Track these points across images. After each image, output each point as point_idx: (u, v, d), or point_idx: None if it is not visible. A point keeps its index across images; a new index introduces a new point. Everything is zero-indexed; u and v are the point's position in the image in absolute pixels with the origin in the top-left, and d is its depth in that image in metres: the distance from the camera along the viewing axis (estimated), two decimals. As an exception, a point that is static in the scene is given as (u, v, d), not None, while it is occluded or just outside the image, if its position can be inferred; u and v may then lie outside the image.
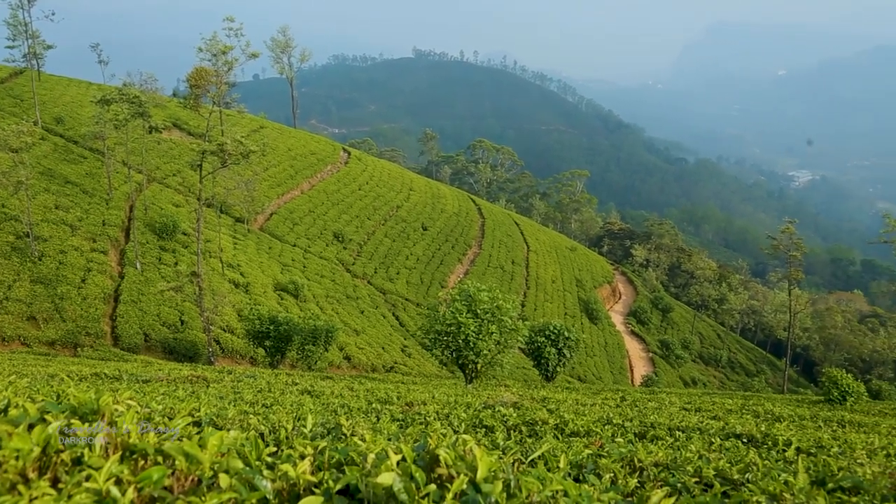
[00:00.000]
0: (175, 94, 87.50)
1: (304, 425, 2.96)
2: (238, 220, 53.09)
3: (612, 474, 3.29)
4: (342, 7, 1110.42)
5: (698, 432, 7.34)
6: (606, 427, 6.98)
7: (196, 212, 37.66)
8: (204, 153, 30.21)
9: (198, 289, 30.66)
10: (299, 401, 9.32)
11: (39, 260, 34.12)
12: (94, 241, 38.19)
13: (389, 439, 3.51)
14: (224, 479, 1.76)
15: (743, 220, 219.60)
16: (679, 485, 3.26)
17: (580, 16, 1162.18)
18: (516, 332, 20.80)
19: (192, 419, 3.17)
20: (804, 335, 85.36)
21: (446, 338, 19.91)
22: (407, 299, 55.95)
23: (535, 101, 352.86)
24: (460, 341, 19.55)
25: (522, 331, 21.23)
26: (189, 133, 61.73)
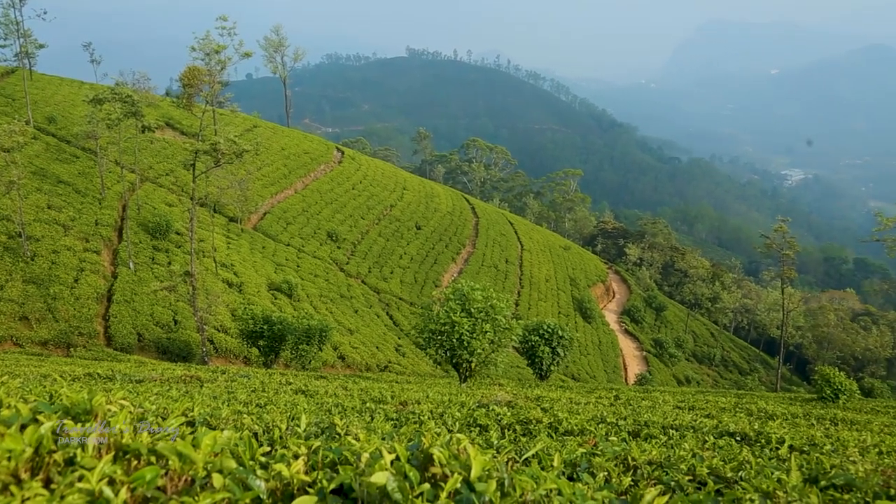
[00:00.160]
0: (168, 94, 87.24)
1: (298, 425, 2.96)
2: (231, 219, 52.98)
3: (606, 473, 3.30)
4: (340, 6, 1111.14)
5: (692, 431, 7.36)
6: (600, 426, 6.99)
7: (189, 211, 37.57)
8: (197, 152, 30.12)
9: (191, 288, 30.59)
10: (293, 400, 9.30)
11: (32, 260, 33.99)
12: (87, 241, 38.06)
13: (383, 438, 3.51)
14: (217, 479, 1.76)
15: (736, 219, 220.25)
16: (673, 483, 3.27)
17: (573, 15, 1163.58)
18: (510, 331, 20.81)
19: (186, 419, 3.17)
20: (797, 333, 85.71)
21: (440, 337, 19.90)
22: (401, 298, 55.93)
23: (528, 101, 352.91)
24: (454, 340, 19.55)
25: (516, 330, 21.25)
26: (182, 132, 61.56)
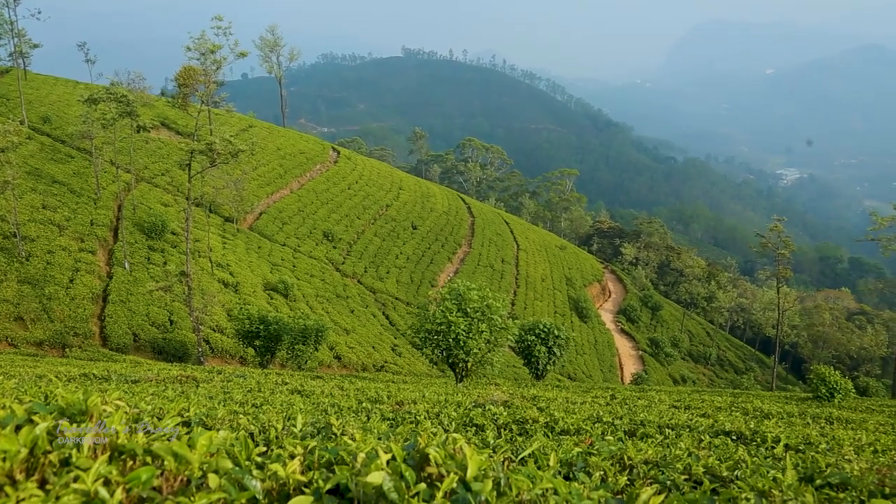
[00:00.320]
0: (163, 94, 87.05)
1: (294, 425, 2.96)
2: (227, 219, 52.89)
3: (602, 472, 3.30)
4: (340, 6, 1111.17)
5: (688, 430, 7.37)
6: (596, 425, 7.00)
7: (185, 211, 37.48)
8: (193, 152, 30.07)
9: (187, 288, 30.53)
10: (289, 400, 9.29)
11: (27, 260, 33.88)
12: (82, 241, 37.96)
13: (380, 438, 3.51)
14: (213, 479, 1.75)
15: (732, 219, 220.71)
16: (669, 482, 3.27)
17: (569, 15, 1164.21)
18: (506, 330, 20.82)
19: (182, 419, 3.16)
20: (792, 333, 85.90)
21: (436, 337, 19.90)
22: (397, 298, 55.90)
23: (524, 100, 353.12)
24: (450, 340, 19.55)
25: (512, 329, 21.26)
26: (177, 132, 61.42)
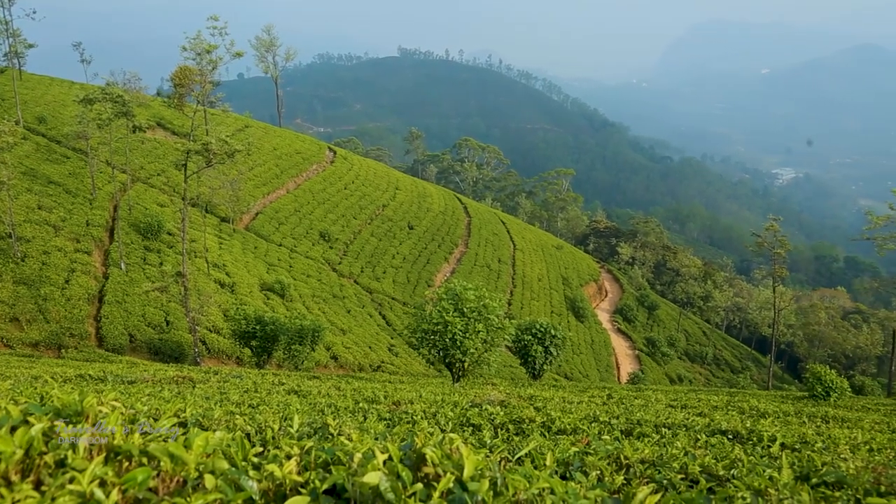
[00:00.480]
0: (159, 94, 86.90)
1: (291, 425, 2.95)
2: (223, 219, 52.82)
3: (599, 471, 3.30)
4: (340, 6, 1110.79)
5: (684, 429, 7.38)
6: (593, 425, 7.00)
7: (181, 211, 37.40)
8: (189, 153, 30.01)
9: (183, 289, 30.48)
10: (286, 401, 9.28)
11: (22, 261, 33.79)
12: (78, 242, 37.87)
13: (376, 438, 3.50)
14: (209, 480, 1.75)
15: (728, 218, 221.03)
16: (665, 481, 3.27)
17: (565, 15, 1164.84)
18: (503, 330, 20.83)
19: (178, 420, 3.15)
20: (788, 332, 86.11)
21: (433, 337, 19.89)
22: (393, 298, 55.89)
23: (520, 100, 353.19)
24: (447, 340, 19.54)
25: (509, 329, 21.27)
26: (173, 132, 61.33)
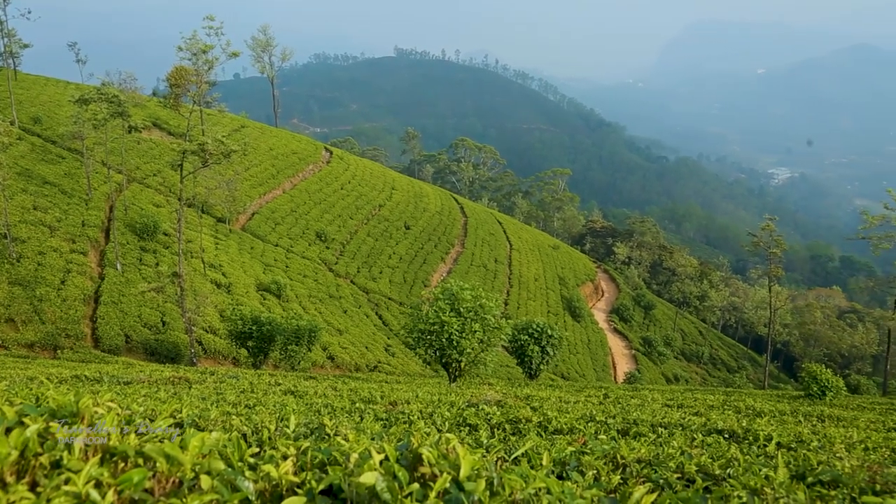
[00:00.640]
0: (155, 94, 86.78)
1: (287, 425, 2.95)
2: (219, 220, 52.73)
3: (595, 471, 3.30)
4: (340, 6, 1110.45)
5: (680, 428, 7.39)
6: (589, 424, 7.01)
7: (177, 212, 37.33)
8: (185, 153, 29.97)
9: (179, 289, 30.43)
10: (282, 401, 9.27)
11: (17, 261, 33.68)
12: (74, 242, 37.77)
13: (373, 439, 3.50)
14: (205, 481, 1.75)
15: (724, 218, 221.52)
16: (661, 481, 3.28)
17: (569, 15, 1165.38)
18: (499, 330, 20.83)
19: (174, 420, 3.15)
20: (784, 331, 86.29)
21: (430, 337, 19.89)
22: (390, 298, 55.86)
23: (516, 100, 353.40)
24: (444, 340, 19.54)
25: (506, 329, 21.28)
26: (169, 133, 61.21)
